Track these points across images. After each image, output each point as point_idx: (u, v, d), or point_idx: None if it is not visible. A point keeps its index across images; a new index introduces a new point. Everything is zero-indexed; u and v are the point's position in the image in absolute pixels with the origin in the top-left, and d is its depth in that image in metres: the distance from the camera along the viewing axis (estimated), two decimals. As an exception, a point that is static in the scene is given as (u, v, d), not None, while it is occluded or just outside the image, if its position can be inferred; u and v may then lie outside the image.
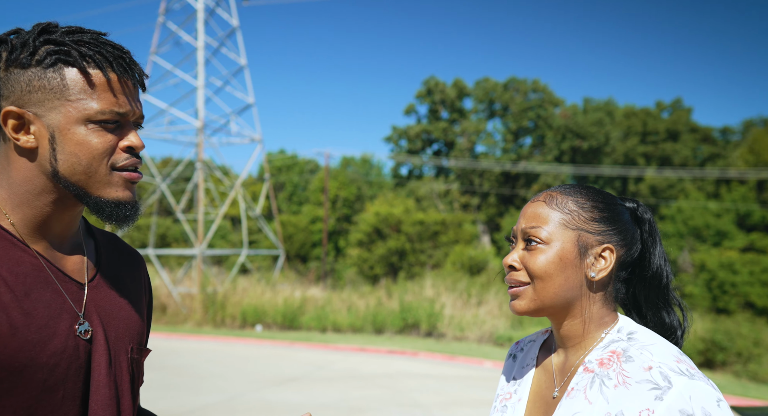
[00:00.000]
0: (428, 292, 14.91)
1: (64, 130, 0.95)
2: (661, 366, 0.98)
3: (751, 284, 21.41)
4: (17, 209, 0.98)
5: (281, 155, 39.83)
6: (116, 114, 0.97)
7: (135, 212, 1.00)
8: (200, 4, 21.58)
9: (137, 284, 1.15)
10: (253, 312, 14.43)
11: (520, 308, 1.09)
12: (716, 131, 36.12)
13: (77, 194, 0.98)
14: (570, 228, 1.08)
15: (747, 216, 28.53)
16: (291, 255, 29.29)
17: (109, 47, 0.98)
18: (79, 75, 0.95)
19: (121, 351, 1.05)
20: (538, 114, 33.68)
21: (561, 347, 1.14)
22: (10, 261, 0.94)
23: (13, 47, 0.96)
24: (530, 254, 1.08)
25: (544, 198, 1.12)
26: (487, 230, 33.09)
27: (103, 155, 0.96)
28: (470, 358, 11.15)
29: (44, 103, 0.95)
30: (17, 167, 0.98)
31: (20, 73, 0.95)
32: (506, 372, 1.27)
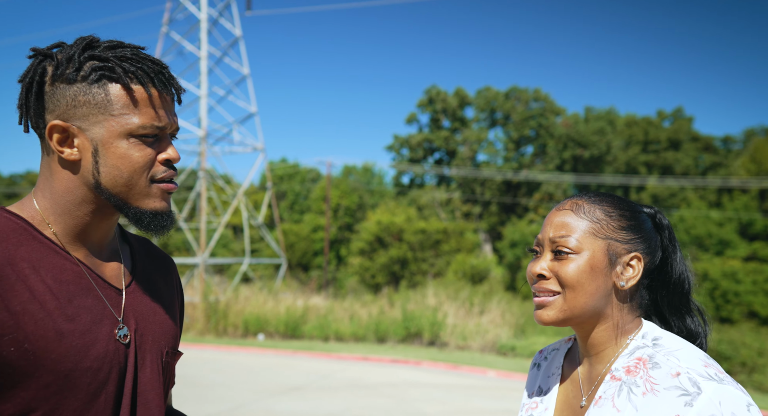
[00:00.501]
0: (430, 301, 14.88)
1: (106, 143, 0.98)
2: (689, 371, 0.97)
3: (754, 294, 21.35)
4: (59, 219, 1.01)
5: (283, 164, 39.90)
6: (156, 128, 1.00)
7: (171, 221, 1.04)
8: (203, 14, 21.71)
9: (170, 287, 1.19)
10: (255, 321, 14.40)
11: (548, 318, 1.08)
12: (718, 140, 36.18)
13: (117, 205, 1.01)
14: (599, 237, 1.07)
15: (749, 225, 28.50)
16: (293, 264, 29.27)
17: (149, 63, 1.01)
18: (123, 91, 0.98)
19: (156, 354, 1.08)
20: (539, 123, 33.77)
21: (586, 355, 1.13)
22: (54, 269, 0.97)
23: (59, 63, 0.98)
24: (560, 264, 1.07)
25: (570, 207, 1.11)
26: (489, 238, 33.07)
27: (143, 168, 1.00)
28: (473, 367, 11.11)
29: (88, 117, 0.98)
30: (60, 179, 1.01)
31: (66, 88, 0.98)
32: (531, 382, 1.26)
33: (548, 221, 1.12)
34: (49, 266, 0.97)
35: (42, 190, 1.02)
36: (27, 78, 1.01)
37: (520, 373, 10.58)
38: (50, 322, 0.93)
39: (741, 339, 12.04)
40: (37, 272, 0.95)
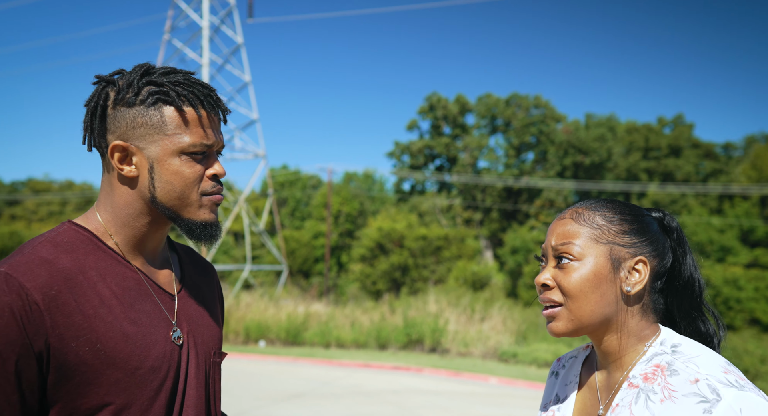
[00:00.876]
0: (432, 307, 14.85)
1: (161, 161, 1.08)
2: (708, 377, 0.96)
3: (756, 300, 21.30)
4: (120, 230, 1.11)
5: (284, 171, 39.94)
6: (204, 146, 1.09)
7: (219, 231, 1.14)
8: (205, 21, 21.80)
9: (213, 293, 1.29)
10: (256, 328, 14.38)
11: (558, 330, 1.07)
12: (718, 146, 36.20)
13: (171, 217, 1.11)
14: (601, 243, 1.07)
15: (750, 232, 28.47)
16: (294, 271, 29.25)
17: (199, 86, 1.11)
18: (176, 113, 1.08)
19: (206, 354, 1.17)
20: (540, 130, 33.82)
21: (603, 363, 1.12)
22: (117, 276, 1.07)
23: (120, 88, 1.08)
24: (563, 272, 1.07)
25: (570, 215, 1.11)
26: (490, 245, 33.05)
27: (194, 183, 1.09)
28: (475, 374, 11.08)
29: (145, 137, 1.07)
30: (119, 193, 1.10)
31: (126, 111, 1.07)
32: (548, 391, 1.25)
33: (550, 231, 1.12)
34: (113, 274, 1.07)
35: (104, 204, 1.12)
36: (92, 102, 1.10)
37: (522, 380, 10.56)
38: (117, 325, 1.03)
39: (743, 346, 12.01)
40: (103, 280, 1.05)
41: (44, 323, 0.97)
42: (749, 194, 29.58)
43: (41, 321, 0.97)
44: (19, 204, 43.32)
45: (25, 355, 0.95)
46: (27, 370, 0.96)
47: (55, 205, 42.65)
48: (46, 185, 45.24)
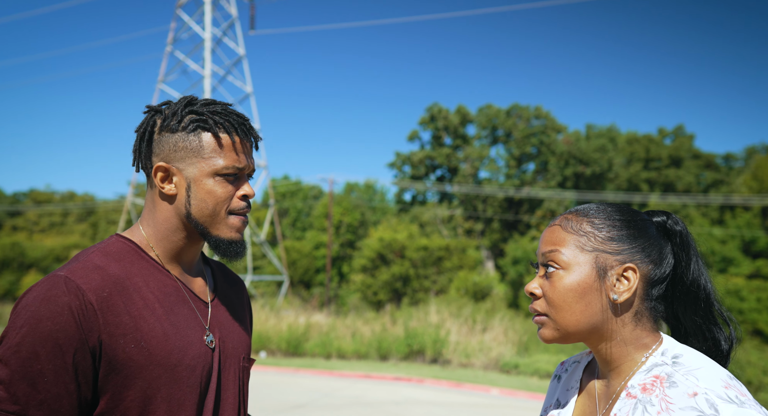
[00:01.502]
0: (433, 318, 14.80)
1: (198, 181, 1.19)
2: (707, 392, 0.92)
3: (758, 311, 21.21)
4: (159, 243, 1.23)
5: (285, 181, 40.00)
6: (236, 169, 1.21)
7: (243, 249, 1.25)
8: (207, 33, 21.95)
9: (242, 303, 1.40)
10: (257, 339, 14.33)
11: (546, 336, 1.06)
12: (719, 157, 36.23)
13: (202, 233, 1.22)
14: (586, 250, 1.03)
15: (752, 243, 28.42)
16: (295, 281, 29.20)
17: (235, 116, 1.23)
18: (212, 138, 1.20)
19: (236, 359, 1.28)
20: (540, 140, 33.89)
21: (603, 370, 1.09)
22: (159, 283, 1.20)
23: (165, 116, 1.22)
24: (549, 282, 1.05)
25: (560, 222, 1.09)
26: (491, 255, 33.00)
27: (225, 202, 1.21)
28: (477, 385, 11.03)
29: (185, 159, 1.20)
30: (160, 210, 1.23)
31: (169, 136, 1.21)
32: (550, 394, 1.24)
33: (541, 238, 1.11)
34: (155, 281, 1.19)
35: (147, 219, 1.25)
36: (141, 128, 1.24)
37: (524, 391, 10.50)
38: (159, 326, 1.14)
39: (746, 358, 11.94)
40: (147, 285, 1.17)
41: (97, 321, 1.09)
42: (750, 205, 29.56)
43: (95, 319, 1.08)
44: (21, 215, 43.35)
45: (81, 349, 1.07)
46: (83, 363, 1.07)
47: (56, 216, 42.69)
48: (48, 196, 45.31)
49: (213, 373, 1.21)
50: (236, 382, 1.27)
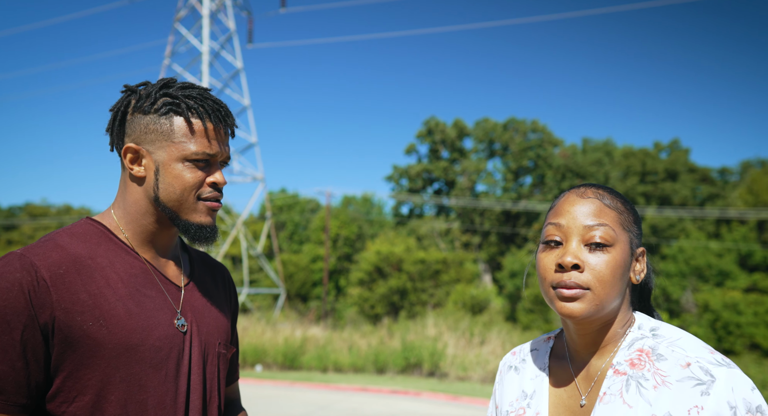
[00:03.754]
0: (430, 331, 14.75)
1: (166, 165, 1.18)
2: (699, 360, 0.97)
3: (755, 325, 21.17)
4: (129, 226, 1.22)
5: (282, 195, 40.01)
6: (207, 155, 1.19)
7: (214, 234, 1.23)
8: (205, 46, 22.07)
9: (222, 291, 1.37)
10: (253, 352, 14.24)
11: (580, 311, 1.00)
12: (714, 171, 36.42)
13: (170, 217, 1.20)
14: (625, 230, 1.04)
15: (748, 256, 28.45)
16: (291, 294, 29.08)
17: (210, 102, 1.21)
18: (184, 123, 1.19)
19: (211, 344, 1.25)
20: (537, 154, 34.03)
21: (581, 352, 1.08)
22: (125, 265, 1.18)
23: (140, 97, 1.21)
24: (596, 256, 1.00)
25: (594, 195, 1.05)
26: (489, 269, 32.94)
27: (192, 188, 1.19)
28: (474, 398, 10.95)
29: (155, 142, 1.19)
30: (130, 192, 1.22)
31: (141, 118, 1.19)
32: (510, 387, 1.17)
33: (571, 208, 1.04)
34: (121, 262, 1.17)
35: (118, 202, 1.24)
36: (116, 108, 1.23)
37: (522, 404, 10.41)
38: (121, 305, 1.12)
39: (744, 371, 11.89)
40: (112, 266, 1.16)
41: (50, 297, 1.07)
42: (746, 219, 29.65)
43: (47, 296, 1.07)
44: (17, 229, 43.20)
45: (30, 326, 1.05)
46: (32, 341, 1.06)
47: (52, 229, 42.52)
48: (44, 209, 45.21)
49: (184, 357, 1.18)
50: (212, 369, 1.24)
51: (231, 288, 1.42)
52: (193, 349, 1.21)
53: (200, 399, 1.20)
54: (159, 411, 1.14)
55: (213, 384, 1.24)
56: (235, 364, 1.41)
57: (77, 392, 1.08)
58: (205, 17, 21.79)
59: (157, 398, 1.13)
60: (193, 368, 1.20)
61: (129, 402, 1.11)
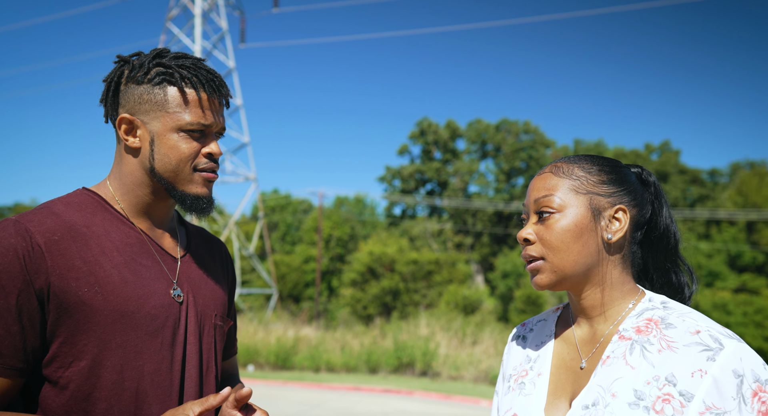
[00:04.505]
0: (423, 331, 14.77)
1: (161, 135, 1.18)
2: (709, 329, 0.98)
3: (745, 325, 21.35)
4: (125, 197, 1.21)
5: (275, 195, 39.93)
6: (202, 125, 1.19)
7: (210, 205, 1.22)
8: (197, 46, 22.01)
9: (218, 265, 1.37)
10: (245, 352, 14.20)
11: (542, 282, 1.07)
12: (704, 172, 36.70)
13: (167, 188, 1.20)
14: (581, 193, 1.07)
15: (738, 257, 28.69)
16: (284, 295, 29.02)
17: (204, 71, 1.20)
18: (178, 93, 1.18)
19: (207, 316, 1.25)
20: (529, 155, 34.16)
21: (583, 318, 1.11)
22: (121, 234, 1.18)
23: (133, 67, 1.20)
24: (545, 226, 1.06)
25: (550, 169, 1.11)
26: (481, 269, 33.02)
27: (188, 159, 1.19)
28: (466, 397, 10.98)
29: (149, 113, 1.18)
30: (125, 163, 1.21)
31: (135, 88, 1.18)
32: (515, 354, 1.21)
33: (531, 187, 1.12)
34: (117, 231, 1.17)
35: (113, 173, 1.23)
36: (109, 78, 1.22)
37: (514, 403, 10.45)
38: (116, 272, 1.13)
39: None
40: (107, 235, 1.16)
41: (45, 263, 1.07)
42: (736, 220, 29.90)
43: (42, 261, 1.07)
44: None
45: (26, 291, 1.06)
46: (27, 305, 1.06)
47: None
48: (35, 208, 44.88)
49: (180, 326, 1.18)
50: (209, 339, 1.24)
51: (228, 263, 1.42)
52: (189, 319, 1.20)
53: (197, 368, 1.20)
54: (155, 377, 1.14)
55: (210, 355, 1.24)
56: (233, 338, 1.40)
57: (73, 357, 1.08)
58: (197, 17, 21.73)
59: (154, 365, 1.14)
60: (189, 338, 1.20)
61: (125, 368, 1.11)
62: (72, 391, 1.08)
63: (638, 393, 0.98)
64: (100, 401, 1.09)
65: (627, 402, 0.98)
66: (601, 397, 1.00)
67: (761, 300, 22.58)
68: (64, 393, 1.08)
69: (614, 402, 0.99)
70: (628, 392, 0.99)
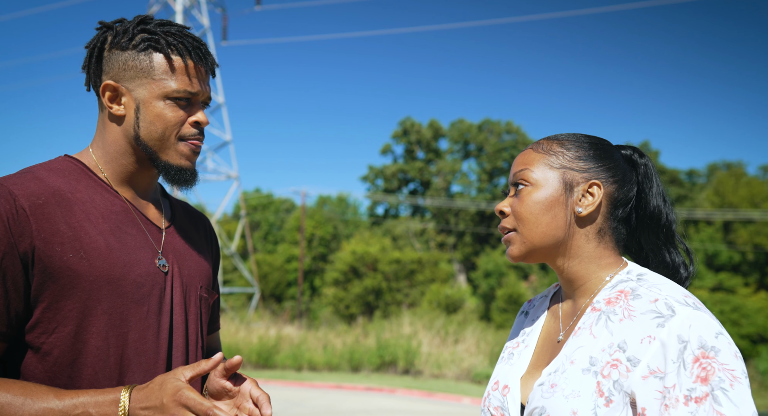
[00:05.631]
0: (405, 330, 14.80)
1: (147, 103, 1.15)
2: (667, 298, 0.99)
3: (722, 324, 21.70)
4: (108, 165, 1.19)
5: (257, 194, 39.69)
6: (188, 93, 1.16)
7: (194, 177, 1.20)
8: (180, 43, 21.76)
9: (203, 238, 1.37)
10: (226, 351, 14.07)
11: (512, 253, 1.10)
12: (683, 173, 37.29)
13: (151, 157, 1.18)
14: (554, 168, 1.09)
15: (715, 256, 29.18)
16: (266, 295, 28.85)
17: (190, 39, 1.18)
18: (164, 60, 1.15)
19: (192, 287, 1.25)
20: (512, 155, 34.38)
21: (567, 291, 1.14)
22: (105, 202, 1.16)
23: (116, 33, 1.17)
24: (518, 199, 1.10)
25: (531, 146, 1.15)
26: (463, 268, 33.17)
27: (174, 127, 1.16)
28: (448, 395, 11.02)
29: (134, 79, 1.15)
30: (109, 131, 1.19)
31: (119, 54, 1.16)
32: (516, 328, 1.26)
33: (513, 163, 1.16)
34: (101, 199, 1.16)
35: (96, 141, 1.21)
36: (91, 45, 1.19)
37: (495, 400, 10.51)
38: (102, 239, 1.11)
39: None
40: (92, 202, 1.14)
41: (29, 227, 1.06)
42: (713, 220, 30.41)
43: (27, 225, 1.06)
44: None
45: (10, 254, 1.05)
46: (12, 268, 1.05)
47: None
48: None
49: (166, 295, 1.17)
50: (194, 310, 1.23)
51: (213, 237, 1.41)
52: (175, 289, 1.20)
53: (183, 338, 1.19)
54: (140, 345, 1.13)
55: (196, 326, 1.23)
56: (216, 314, 1.40)
57: (57, 323, 1.07)
58: (178, 13, 21.52)
59: (139, 332, 1.13)
60: (175, 308, 1.19)
61: (110, 335, 1.10)
62: (56, 357, 1.07)
63: (592, 360, 1.01)
64: (85, 367, 1.08)
65: (581, 368, 1.01)
66: (562, 364, 1.04)
67: (737, 299, 23.00)
68: (47, 359, 1.07)
69: (570, 368, 1.02)
70: (584, 359, 1.02)
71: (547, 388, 1.03)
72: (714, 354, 0.93)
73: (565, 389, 1.00)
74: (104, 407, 1.02)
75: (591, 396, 0.98)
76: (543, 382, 1.04)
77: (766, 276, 26.84)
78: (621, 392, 0.96)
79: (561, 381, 1.02)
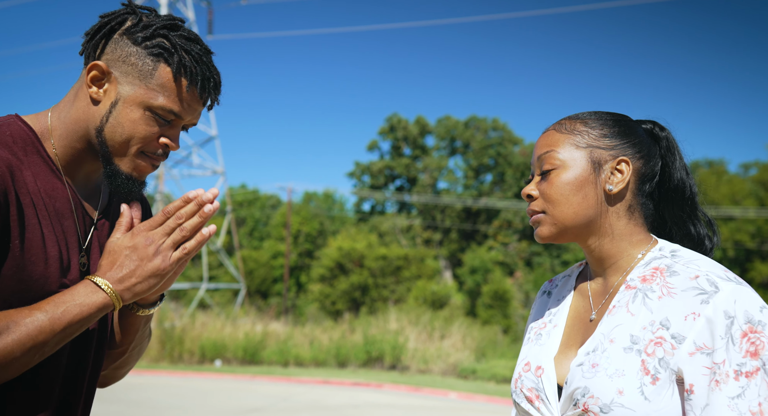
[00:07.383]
0: (392, 326, 14.83)
1: (127, 103, 1.08)
2: (708, 274, 0.99)
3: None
4: (60, 140, 1.11)
5: (243, 190, 39.47)
6: (172, 114, 1.09)
7: (141, 188, 1.14)
8: (165, 37, 21.55)
9: None
10: (212, 347, 14.02)
11: (542, 233, 1.10)
12: (666, 171, 37.74)
13: (103, 155, 1.10)
14: (581, 147, 1.09)
15: (697, 252, 29.61)
16: (252, 291, 28.73)
17: (206, 67, 1.11)
18: (168, 75, 1.08)
19: None
20: (498, 152, 34.53)
21: (597, 271, 1.14)
22: (49, 185, 1.09)
23: (138, 22, 1.09)
24: (547, 182, 1.10)
25: (553, 127, 1.14)
26: (449, 265, 33.28)
27: (140, 140, 1.09)
28: (435, 390, 11.07)
29: (128, 75, 1.08)
30: (77, 107, 1.11)
31: (128, 45, 1.08)
32: (539, 308, 1.25)
33: (536, 145, 1.15)
34: (46, 181, 1.08)
35: (60, 109, 1.13)
36: (107, 18, 1.11)
37: (482, 395, 10.59)
38: (38, 227, 1.05)
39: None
40: (35, 182, 1.06)
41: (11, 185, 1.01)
42: (696, 217, 30.82)
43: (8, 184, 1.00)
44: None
45: None
46: None
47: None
48: None
49: None
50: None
51: None
52: None
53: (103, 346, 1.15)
54: None
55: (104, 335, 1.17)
56: None
57: None
58: (163, 6, 21.29)
59: None
60: None
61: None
62: None
63: (633, 338, 1.00)
64: None
65: (623, 346, 1.01)
66: (600, 343, 1.03)
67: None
68: None
69: (611, 347, 1.02)
70: (625, 337, 1.01)
71: (587, 368, 1.02)
72: (761, 328, 0.93)
73: (608, 368, 1.00)
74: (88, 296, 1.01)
75: (636, 374, 0.97)
76: (582, 362, 1.03)
77: (746, 273, 27.26)
78: (667, 369, 0.97)
79: (602, 360, 1.01)
